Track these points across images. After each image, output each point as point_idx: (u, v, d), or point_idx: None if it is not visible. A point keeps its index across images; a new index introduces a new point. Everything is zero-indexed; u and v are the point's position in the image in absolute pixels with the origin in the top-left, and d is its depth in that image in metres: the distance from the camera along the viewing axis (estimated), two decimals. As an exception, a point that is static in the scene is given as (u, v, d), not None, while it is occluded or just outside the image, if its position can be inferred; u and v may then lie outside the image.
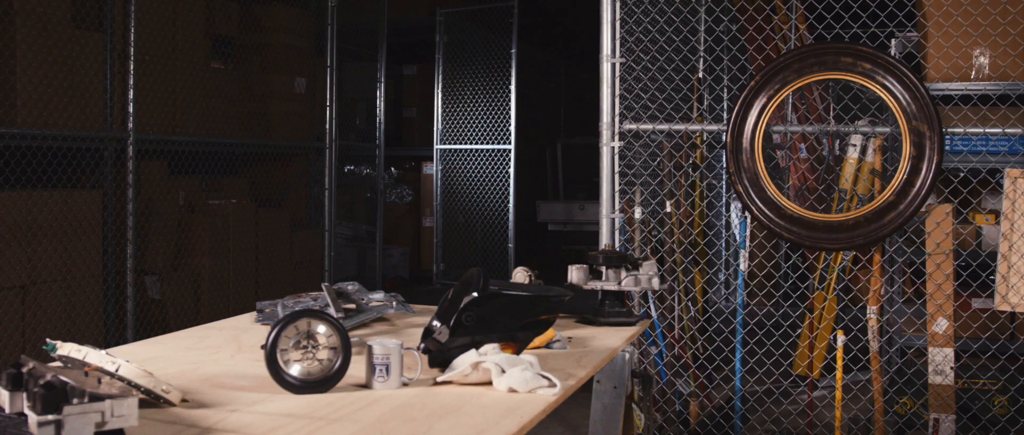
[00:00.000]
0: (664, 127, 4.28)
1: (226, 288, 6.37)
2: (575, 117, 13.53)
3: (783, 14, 6.85)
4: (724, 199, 7.34)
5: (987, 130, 3.95)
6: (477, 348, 2.12)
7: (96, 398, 1.56)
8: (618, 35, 4.24)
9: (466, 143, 9.54)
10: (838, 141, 5.42)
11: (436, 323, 2.22)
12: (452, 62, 9.63)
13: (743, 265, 4.29)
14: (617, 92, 4.25)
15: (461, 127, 9.59)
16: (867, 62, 3.89)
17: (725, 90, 7.29)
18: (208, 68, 6.34)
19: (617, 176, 4.23)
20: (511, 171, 9.16)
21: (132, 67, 5.46)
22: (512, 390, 1.99)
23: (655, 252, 4.54)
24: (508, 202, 9.16)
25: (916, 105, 3.82)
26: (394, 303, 2.82)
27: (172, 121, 5.94)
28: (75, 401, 1.55)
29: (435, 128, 9.69)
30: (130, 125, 5.48)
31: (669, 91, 4.85)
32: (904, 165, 3.86)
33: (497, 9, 9.29)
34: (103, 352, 1.88)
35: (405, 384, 2.04)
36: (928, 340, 3.97)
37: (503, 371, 2.04)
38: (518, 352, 2.19)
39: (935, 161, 3.81)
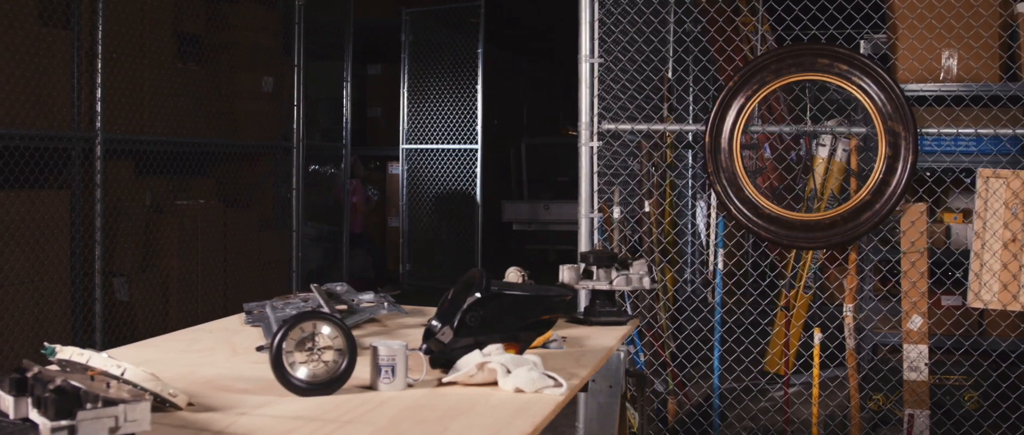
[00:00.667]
0: (643, 127, 4.31)
1: (195, 290, 6.28)
2: (537, 117, 13.56)
3: (751, 25, 6.93)
4: (687, 198, 7.41)
5: (961, 130, 4.03)
6: (480, 349, 2.11)
7: (110, 403, 1.53)
8: (597, 35, 4.25)
9: (432, 143, 9.51)
10: (815, 141, 5.48)
11: (436, 324, 2.21)
12: (418, 62, 9.60)
13: (720, 264, 4.33)
14: (596, 92, 4.26)
15: (427, 127, 9.56)
16: (843, 63, 3.95)
17: (689, 90, 7.35)
18: (175, 67, 6.25)
19: (596, 176, 4.25)
20: (478, 171, 9.15)
21: (100, 65, 5.36)
22: (519, 390, 1.99)
23: (633, 251, 4.57)
24: (475, 202, 9.16)
25: (891, 106, 3.89)
26: (385, 304, 2.80)
27: (140, 121, 5.85)
28: (89, 406, 1.52)
29: (401, 128, 9.65)
30: (98, 124, 5.38)
31: (647, 91, 4.89)
32: (880, 165, 3.92)
33: (462, 9, 9.27)
34: (105, 355, 1.84)
35: (410, 385, 2.03)
36: (903, 337, 4.04)
37: (508, 371, 2.04)
38: (521, 352, 2.19)
39: (910, 161, 3.87)
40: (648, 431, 4.07)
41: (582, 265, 2.90)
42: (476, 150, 9.18)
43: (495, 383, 2.04)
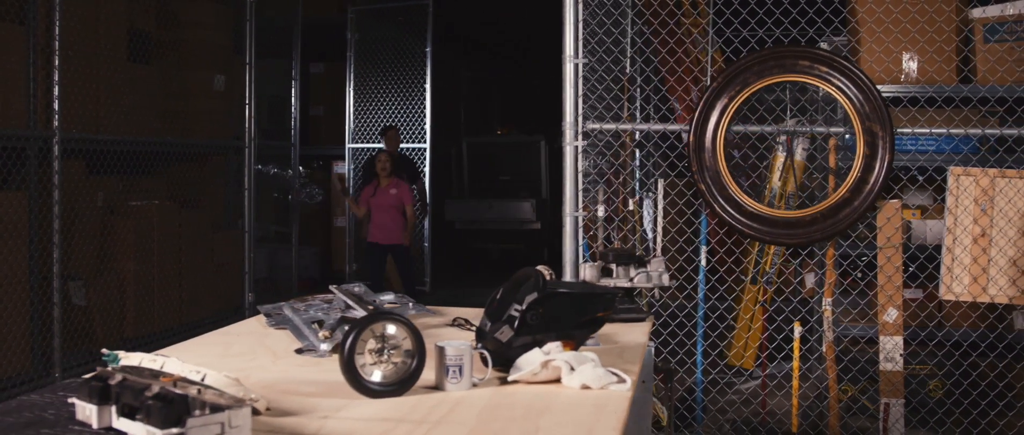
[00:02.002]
0: (627, 127, 4.37)
1: (151, 293, 6.13)
2: (475, 116, 13.58)
3: (701, 27, 7.06)
4: (638, 195, 7.51)
5: (933, 130, 4.19)
6: (539, 347, 2.13)
7: (217, 409, 1.51)
8: (581, 36, 4.29)
9: (380, 142, 9.44)
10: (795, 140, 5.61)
11: (489, 323, 2.22)
12: (364, 60, 9.51)
13: (703, 260, 4.42)
14: (580, 92, 4.30)
15: (374, 126, 9.48)
16: (823, 65, 4.08)
17: (639, 91, 7.45)
18: (128, 64, 6.08)
19: (580, 175, 4.29)
20: (427, 170, 9.12)
21: (57, 62, 5.19)
22: (585, 387, 2.02)
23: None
24: (425, 201, 9.12)
25: (869, 106, 4.03)
26: (411, 304, 2.80)
27: (96, 119, 5.67)
28: (197, 413, 1.49)
29: (347, 127, 9.56)
30: (55, 123, 5.20)
31: (615, 91, 4.95)
32: (858, 163, 4.06)
33: (409, 7, 9.23)
34: (178, 361, 1.81)
35: (474, 385, 2.04)
36: (879, 329, 4.19)
37: (572, 369, 2.06)
38: (576, 349, 2.22)
39: (887, 160, 4.02)
40: (674, 422, 4.14)
41: (601, 263, 2.94)
42: (425, 149, 9.15)
43: (557, 380, 2.07)
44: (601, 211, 4.39)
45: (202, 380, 1.75)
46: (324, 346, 2.37)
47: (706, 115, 4.18)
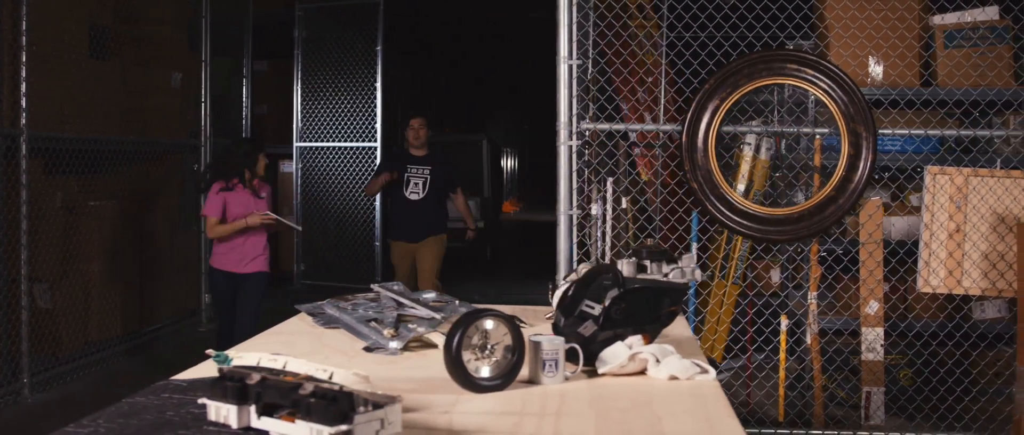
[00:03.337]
0: (620, 127, 4.47)
1: (114, 295, 5.98)
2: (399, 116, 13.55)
3: (653, 22, 7.22)
4: (586, 193, 7.63)
5: (912, 132, 4.40)
6: (621, 340, 2.20)
7: (377, 405, 1.54)
8: (575, 38, 4.37)
9: (329, 141, 9.37)
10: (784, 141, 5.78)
11: (563, 319, 2.28)
12: (312, 58, 9.42)
13: (694, 257, 4.54)
14: (574, 92, 4.38)
15: (323, 124, 9.40)
16: (810, 69, 4.24)
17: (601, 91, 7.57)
18: (90, 61, 5.92)
19: (574, 174, 4.38)
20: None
21: (24, 58, 5.03)
22: (673, 377, 2.10)
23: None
24: (374, 200, 9.09)
25: (854, 108, 4.21)
26: (457, 301, 2.83)
27: (61, 117, 5.51)
28: (361, 409, 1.52)
29: (294, 125, 9.45)
30: (23, 121, 5.04)
31: (601, 93, 5.05)
32: (843, 163, 4.24)
33: (358, 6, 9.18)
34: (302, 360, 1.82)
35: (566, 378, 2.10)
36: (861, 321, 4.39)
37: (657, 361, 2.14)
38: (651, 342, 2.30)
39: (870, 159, 4.21)
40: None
41: (635, 259, 3.02)
42: (375, 148, 9.11)
43: (641, 373, 2.14)
44: (594, 209, 4.48)
45: (329, 378, 1.76)
46: (394, 344, 2.40)
47: (698, 116, 4.31)
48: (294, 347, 2.46)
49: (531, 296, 7.37)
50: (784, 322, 4.35)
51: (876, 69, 5.21)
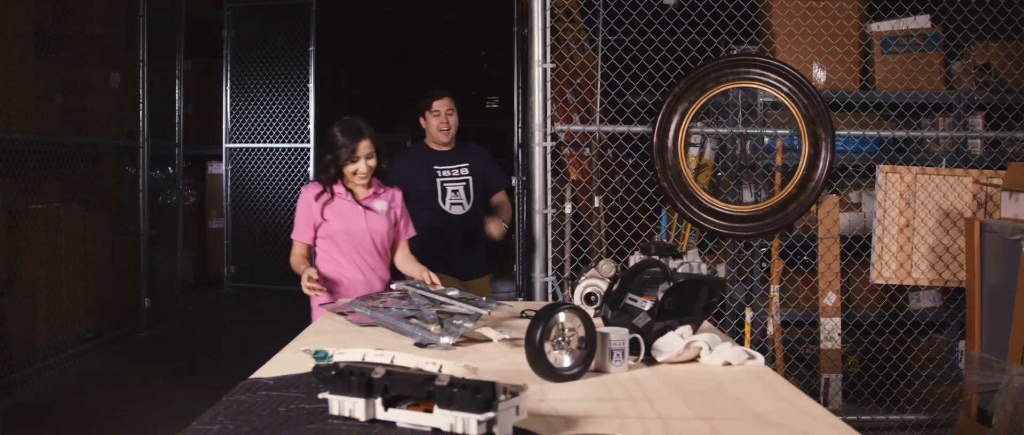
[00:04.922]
0: (593, 128, 4.62)
1: (60, 300, 5.81)
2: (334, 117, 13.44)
3: (580, 27, 7.40)
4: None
5: (866, 133, 4.69)
6: (673, 330, 2.35)
7: (514, 393, 1.63)
8: (549, 42, 4.50)
9: (260, 142, 9.25)
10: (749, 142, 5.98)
11: (610, 312, 2.42)
12: (241, 58, 9.29)
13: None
14: (549, 95, 4.51)
15: (253, 125, 9.28)
16: (773, 73, 4.48)
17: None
18: (34, 60, 5.74)
19: (549, 174, 4.51)
20: (310, 171, 9.02)
21: (-25, 57, 4.87)
22: (727, 364, 2.25)
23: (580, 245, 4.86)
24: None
25: (814, 110, 4.47)
26: (484, 298, 2.93)
27: (7, 117, 5.33)
28: (502, 397, 1.61)
29: (224, 126, 9.30)
30: (-26, 122, 4.88)
31: (590, 96, 5.19)
32: (803, 162, 4.49)
33: (289, 6, 9.10)
34: (408, 354, 1.90)
35: (630, 367, 2.23)
36: (820, 311, 4.66)
37: (710, 349, 2.29)
38: (695, 332, 2.45)
39: (829, 159, 4.48)
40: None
41: (644, 255, 3.17)
42: (309, 149, 9.05)
43: (694, 360, 2.29)
44: (568, 209, 4.62)
45: (439, 371, 1.85)
46: (445, 339, 2.48)
47: (668, 118, 4.50)
48: (346, 345, 2.51)
49: (496, 292, 7.47)
50: (748, 314, 4.58)
51: (819, 74, 5.50)
